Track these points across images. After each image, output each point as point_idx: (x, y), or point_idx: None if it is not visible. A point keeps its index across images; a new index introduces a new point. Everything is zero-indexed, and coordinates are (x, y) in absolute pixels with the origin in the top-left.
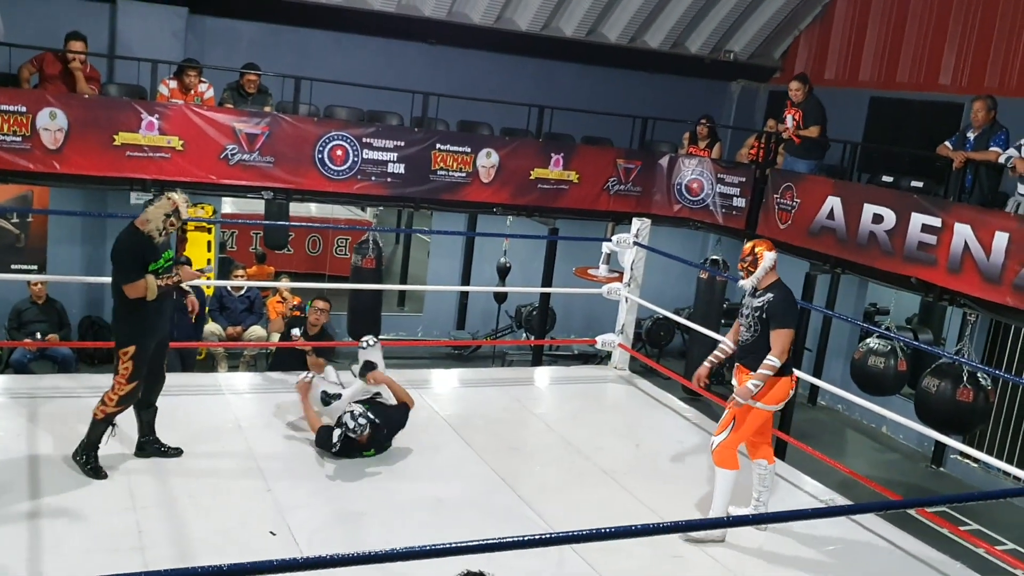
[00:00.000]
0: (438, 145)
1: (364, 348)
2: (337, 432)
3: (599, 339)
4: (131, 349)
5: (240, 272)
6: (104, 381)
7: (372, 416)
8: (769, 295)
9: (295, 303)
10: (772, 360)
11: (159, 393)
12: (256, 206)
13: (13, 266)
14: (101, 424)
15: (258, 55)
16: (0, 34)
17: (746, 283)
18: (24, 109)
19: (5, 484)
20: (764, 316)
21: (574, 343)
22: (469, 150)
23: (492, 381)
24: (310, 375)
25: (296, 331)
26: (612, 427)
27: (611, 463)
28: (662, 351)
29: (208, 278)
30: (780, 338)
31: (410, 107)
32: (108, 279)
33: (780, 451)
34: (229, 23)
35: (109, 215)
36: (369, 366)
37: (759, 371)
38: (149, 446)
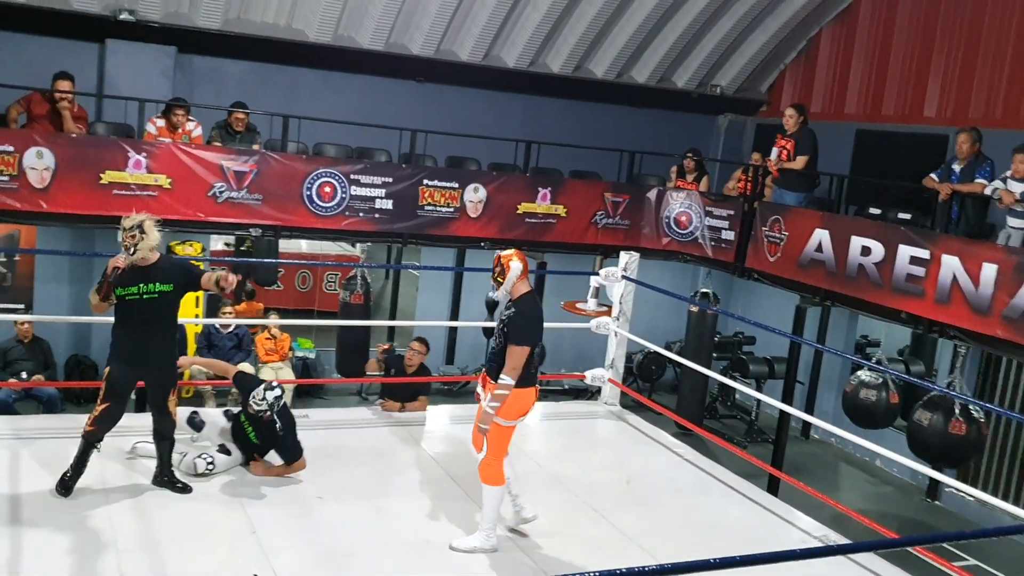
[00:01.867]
0: (425, 181)
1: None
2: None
3: (588, 374)
4: (106, 370)
5: (228, 309)
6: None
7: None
8: (512, 309)
9: (285, 341)
10: (504, 379)
11: (169, 431)
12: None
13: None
14: (82, 442)
15: (246, 94)
16: None
17: (497, 294)
18: (11, 149)
19: None
20: (506, 330)
21: (563, 378)
22: (456, 185)
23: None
24: None
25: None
26: (603, 463)
27: (602, 500)
28: (653, 386)
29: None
30: (514, 356)
31: (398, 144)
32: (96, 319)
33: (773, 487)
34: (217, 62)
35: (96, 254)
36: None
37: (495, 392)
38: (160, 478)
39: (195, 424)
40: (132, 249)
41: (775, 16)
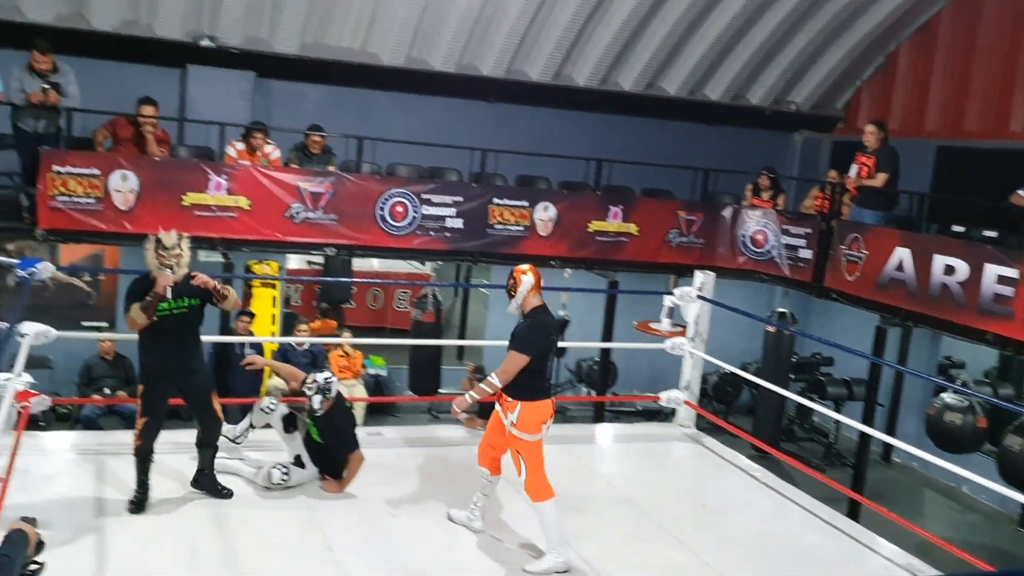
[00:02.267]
0: (495, 200)
1: (267, 413)
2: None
3: (663, 395)
4: (140, 388)
5: (303, 327)
6: (169, 437)
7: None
8: (521, 322)
9: (358, 358)
10: (492, 378)
11: (216, 434)
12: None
13: (84, 323)
14: (136, 459)
15: (323, 116)
16: (75, 100)
17: (510, 307)
18: (98, 172)
19: (71, 539)
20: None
21: (637, 399)
22: (527, 204)
23: (552, 438)
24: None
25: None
26: (677, 486)
27: (677, 524)
28: (729, 408)
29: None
30: (508, 360)
31: (469, 163)
32: None
33: (853, 512)
34: (295, 86)
35: None
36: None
37: (478, 386)
38: (203, 477)
39: (264, 408)
40: (174, 267)
41: (851, 32)
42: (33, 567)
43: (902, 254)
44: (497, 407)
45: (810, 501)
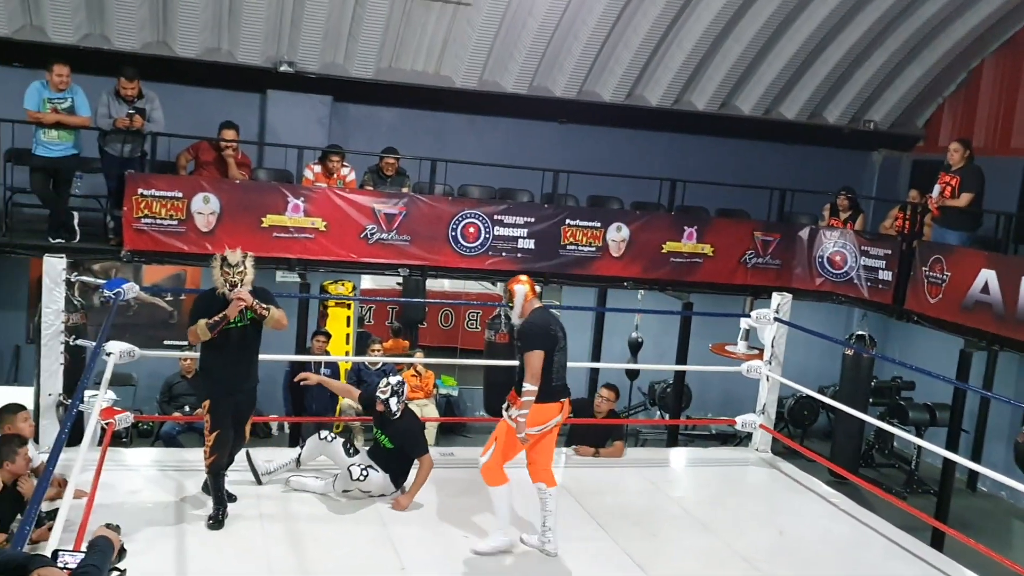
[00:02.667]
0: (568, 220)
1: (328, 442)
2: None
3: (739, 419)
4: (206, 403)
5: (377, 347)
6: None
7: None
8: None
9: (430, 378)
10: (527, 387)
11: (236, 452)
12: (387, 281)
13: (166, 342)
14: (210, 476)
15: (397, 139)
16: (160, 126)
17: (513, 317)
18: (180, 194)
19: (150, 552)
20: (519, 343)
21: (712, 423)
22: (599, 224)
23: (625, 462)
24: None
25: None
26: (753, 512)
27: (752, 550)
28: (806, 432)
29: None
30: (529, 362)
31: (540, 184)
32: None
33: (937, 542)
34: (370, 109)
35: None
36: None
37: (522, 399)
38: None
39: (325, 438)
40: (240, 283)
41: (932, 48)
42: (115, 574)
43: (987, 275)
44: (504, 407)
45: (892, 530)
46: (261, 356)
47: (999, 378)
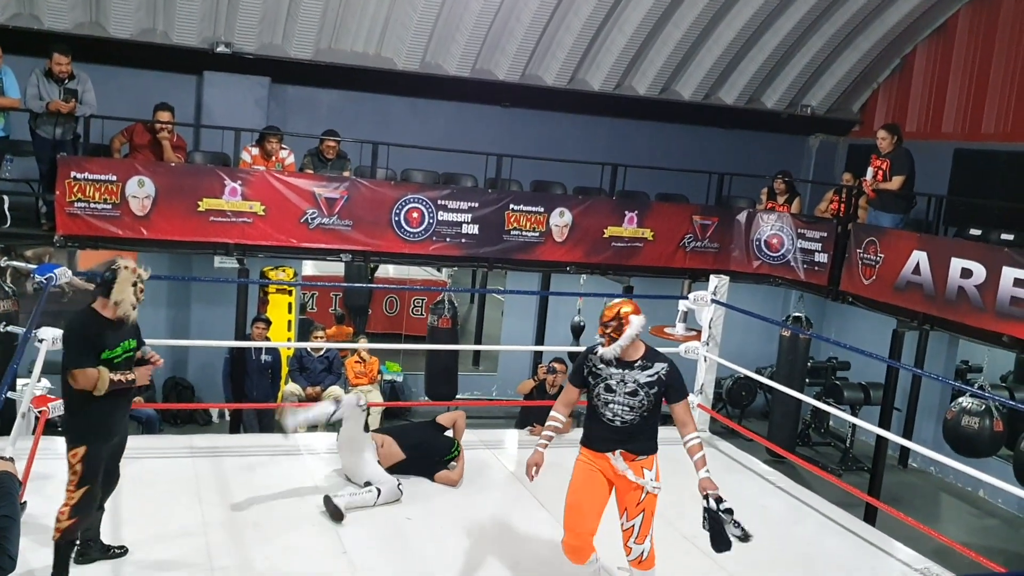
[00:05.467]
0: (511, 205)
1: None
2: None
3: None
4: (80, 451)
5: (320, 333)
6: (185, 441)
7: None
8: (662, 365)
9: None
10: (698, 436)
11: (109, 495)
12: (335, 268)
13: None
14: (62, 547)
15: (337, 121)
16: (93, 108)
17: (608, 350)
18: (115, 178)
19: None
20: (657, 390)
21: None
22: (542, 210)
23: (568, 442)
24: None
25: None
26: (693, 491)
27: (693, 528)
28: (744, 412)
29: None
30: (688, 410)
31: (484, 169)
32: (193, 342)
33: (870, 517)
34: (309, 91)
35: (193, 279)
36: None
37: (702, 455)
38: (91, 550)
39: (361, 406)
40: (136, 304)
41: (867, 35)
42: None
43: (919, 257)
44: (621, 465)
45: (826, 505)
46: (201, 342)
47: (929, 357)
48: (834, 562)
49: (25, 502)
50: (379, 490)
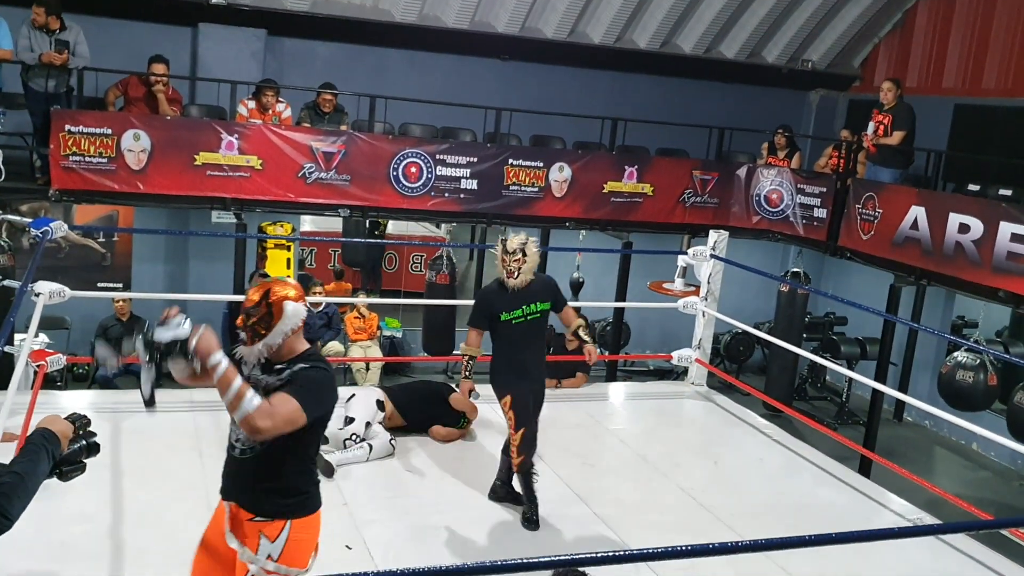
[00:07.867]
0: (510, 160)
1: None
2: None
3: (675, 354)
4: (508, 399)
5: (318, 289)
6: (184, 395)
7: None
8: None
9: (373, 320)
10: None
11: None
12: (334, 223)
13: (99, 284)
14: (523, 475)
15: (334, 75)
16: (86, 60)
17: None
18: (109, 131)
19: (88, 495)
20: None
21: (650, 358)
22: (541, 165)
23: (565, 396)
24: None
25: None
26: (689, 444)
27: (689, 480)
28: (741, 366)
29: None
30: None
31: (483, 123)
32: (189, 295)
33: (865, 469)
34: (306, 44)
35: (191, 233)
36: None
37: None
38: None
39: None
40: (516, 272)
41: None
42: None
43: (917, 212)
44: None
45: (822, 458)
46: (198, 296)
47: (926, 312)
48: (828, 512)
49: (95, 444)
50: (371, 446)
